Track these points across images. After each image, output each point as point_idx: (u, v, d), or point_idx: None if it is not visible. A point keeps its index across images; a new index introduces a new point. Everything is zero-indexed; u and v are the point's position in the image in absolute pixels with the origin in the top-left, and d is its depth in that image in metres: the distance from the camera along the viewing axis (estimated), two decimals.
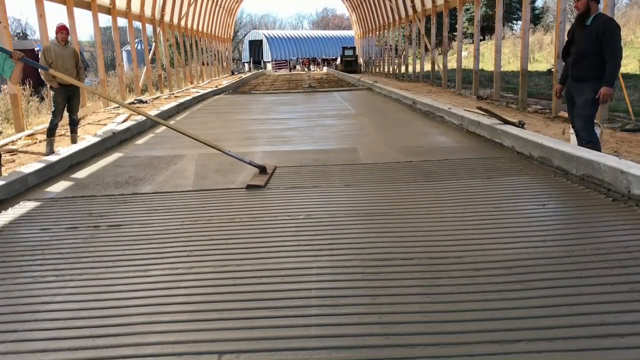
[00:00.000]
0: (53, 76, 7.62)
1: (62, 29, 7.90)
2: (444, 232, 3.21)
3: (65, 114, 8.03)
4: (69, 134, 8.38)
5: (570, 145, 4.83)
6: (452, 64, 22.97)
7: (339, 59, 40.05)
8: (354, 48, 39.58)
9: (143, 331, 2.15)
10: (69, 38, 8.30)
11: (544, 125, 8.71)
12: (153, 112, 10.03)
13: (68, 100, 7.98)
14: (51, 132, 7.88)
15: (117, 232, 3.43)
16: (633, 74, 17.16)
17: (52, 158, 5.48)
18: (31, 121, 11.83)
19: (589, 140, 5.05)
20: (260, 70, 44.42)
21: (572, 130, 5.53)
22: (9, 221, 3.76)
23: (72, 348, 2.04)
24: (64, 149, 6.38)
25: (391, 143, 6.51)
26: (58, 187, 4.78)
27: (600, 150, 5.03)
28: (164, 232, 3.39)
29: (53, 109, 7.97)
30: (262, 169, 4.90)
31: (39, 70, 7.75)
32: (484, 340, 2.00)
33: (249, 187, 4.48)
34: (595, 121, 5.35)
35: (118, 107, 14.20)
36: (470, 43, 33.17)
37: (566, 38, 5.44)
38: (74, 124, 8.19)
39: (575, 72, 5.16)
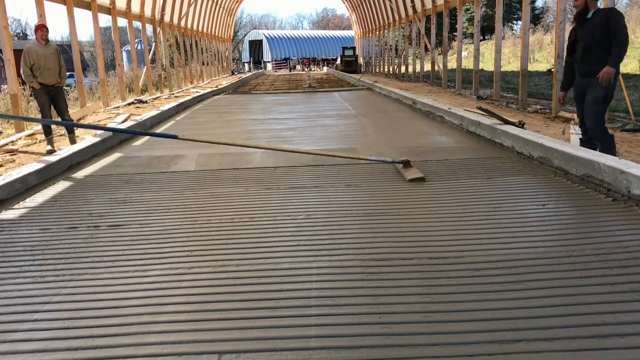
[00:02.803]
0: (34, 76, 7.50)
1: (41, 27, 7.67)
2: (443, 232, 3.20)
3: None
4: (67, 134, 8.31)
5: (571, 145, 4.83)
6: (452, 64, 22.98)
7: (339, 59, 40.01)
8: (354, 48, 39.56)
9: (142, 331, 2.15)
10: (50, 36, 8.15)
11: (544, 125, 8.71)
12: (153, 112, 10.03)
13: (53, 102, 7.81)
14: (47, 130, 7.78)
15: (116, 232, 3.43)
16: (633, 74, 17.16)
17: (52, 158, 5.48)
18: None
19: (599, 137, 4.94)
20: (260, 70, 44.41)
21: (572, 130, 5.52)
22: (9, 221, 3.75)
23: (72, 348, 2.04)
24: (64, 149, 6.38)
25: (391, 143, 6.51)
26: (58, 187, 4.78)
27: (614, 149, 4.91)
28: (163, 232, 3.39)
29: (39, 110, 7.81)
30: (406, 163, 4.95)
31: (21, 71, 7.68)
32: (484, 340, 2.00)
33: (411, 181, 4.51)
34: None
35: (118, 107, 14.20)
36: (470, 43, 33.19)
37: (566, 38, 5.40)
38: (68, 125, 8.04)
39: (584, 67, 5.02)
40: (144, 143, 7.37)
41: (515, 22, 44.76)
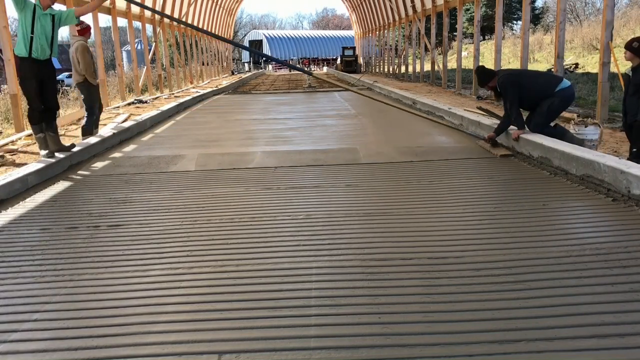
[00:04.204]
0: (94, 72, 7.55)
1: (90, 29, 7.81)
2: (444, 232, 3.20)
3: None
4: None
5: (570, 145, 4.83)
6: (452, 64, 22.96)
7: (339, 59, 39.99)
8: (354, 48, 39.54)
9: (142, 331, 2.15)
10: None
11: None
12: (153, 112, 10.03)
13: None
14: (90, 129, 7.62)
15: (116, 232, 3.43)
16: None
17: (52, 158, 5.47)
18: None
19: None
20: (260, 70, 44.38)
21: (572, 130, 5.55)
22: (9, 221, 3.75)
23: (72, 348, 2.04)
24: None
25: (391, 143, 6.51)
26: (58, 187, 4.78)
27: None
28: (163, 232, 3.39)
29: (90, 105, 7.65)
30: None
31: (83, 69, 7.56)
32: (484, 340, 2.00)
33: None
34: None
35: (118, 107, 14.20)
36: (470, 43, 33.18)
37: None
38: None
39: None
40: (144, 143, 7.37)
41: (515, 22, 44.71)
